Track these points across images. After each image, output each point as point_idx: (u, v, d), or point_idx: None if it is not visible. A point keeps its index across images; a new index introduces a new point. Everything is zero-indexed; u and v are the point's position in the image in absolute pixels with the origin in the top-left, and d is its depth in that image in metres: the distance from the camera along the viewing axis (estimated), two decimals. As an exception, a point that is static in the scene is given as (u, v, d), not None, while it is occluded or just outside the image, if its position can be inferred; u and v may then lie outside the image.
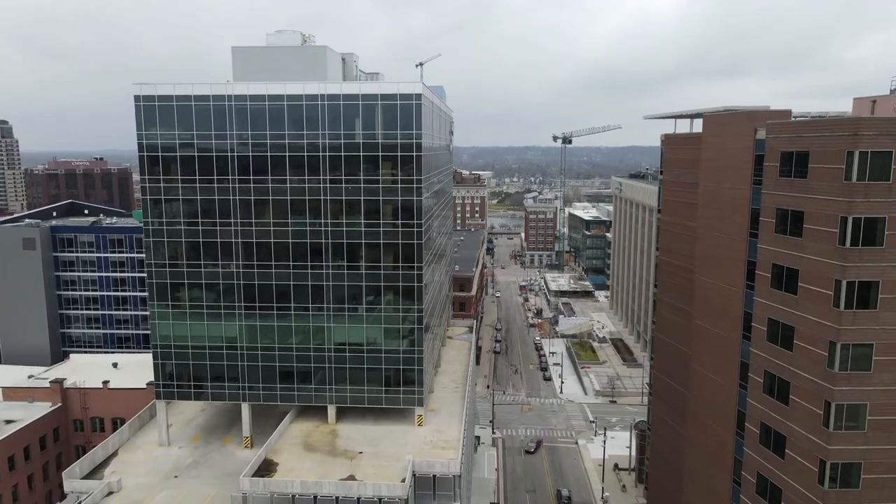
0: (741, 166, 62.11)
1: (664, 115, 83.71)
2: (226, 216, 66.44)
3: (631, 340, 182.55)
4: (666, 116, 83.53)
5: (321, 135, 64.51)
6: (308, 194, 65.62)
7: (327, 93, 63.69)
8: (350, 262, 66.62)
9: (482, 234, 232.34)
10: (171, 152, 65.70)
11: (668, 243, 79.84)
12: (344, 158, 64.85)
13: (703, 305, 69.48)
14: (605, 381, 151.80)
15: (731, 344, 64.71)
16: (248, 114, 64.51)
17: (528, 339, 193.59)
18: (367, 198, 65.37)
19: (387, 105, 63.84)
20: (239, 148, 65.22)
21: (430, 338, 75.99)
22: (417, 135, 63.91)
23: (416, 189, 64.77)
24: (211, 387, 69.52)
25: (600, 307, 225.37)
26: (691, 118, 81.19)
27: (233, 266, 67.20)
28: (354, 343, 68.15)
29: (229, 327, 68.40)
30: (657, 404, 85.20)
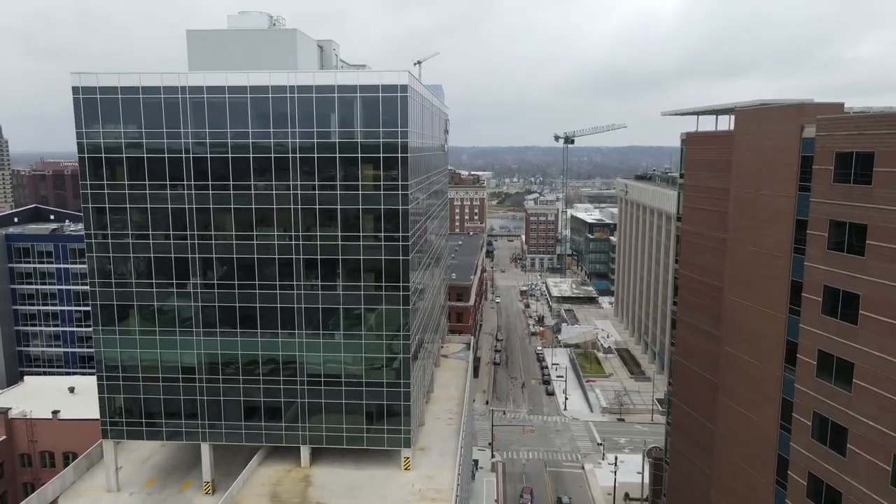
0: (783, 169, 52.77)
1: (686, 112, 74.36)
2: (181, 228, 57.07)
3: (638, 351, 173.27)
4: (687, 112, 74.18)
5: (291, 133, 55.18)
6: (276, 202, 56.27)
7: (297, 84, 54.33)
8: (325, 280, 57.25)
9: (481, 238, 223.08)
10: (117, 153, 56.32)
11: (691, 256, 70.49)
12: (317, 161, 55.50)
13: (734, 330, 60.12)
14: (612, 396, 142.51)
15: (769, 377, 55.38)
16: (206, 109, 55.16)
17: (529, 348, 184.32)
18: (345, 206, 56.03)
19: (367, 98, 54.50)
20: (195, 148, 55.86)
21: (420, 364, 66.67)
22: (403, 133, 54.56)
23: (401, 196, 55.40)
24: (166, 425, 60.13)
25: (604, 314, 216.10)
26: (716, 114, 71.92)
27: (189, 286, 57.82)
28: (331, 374, 58.76)
29: (186, 356, 59.00)
30: (676, 436, 75.81)
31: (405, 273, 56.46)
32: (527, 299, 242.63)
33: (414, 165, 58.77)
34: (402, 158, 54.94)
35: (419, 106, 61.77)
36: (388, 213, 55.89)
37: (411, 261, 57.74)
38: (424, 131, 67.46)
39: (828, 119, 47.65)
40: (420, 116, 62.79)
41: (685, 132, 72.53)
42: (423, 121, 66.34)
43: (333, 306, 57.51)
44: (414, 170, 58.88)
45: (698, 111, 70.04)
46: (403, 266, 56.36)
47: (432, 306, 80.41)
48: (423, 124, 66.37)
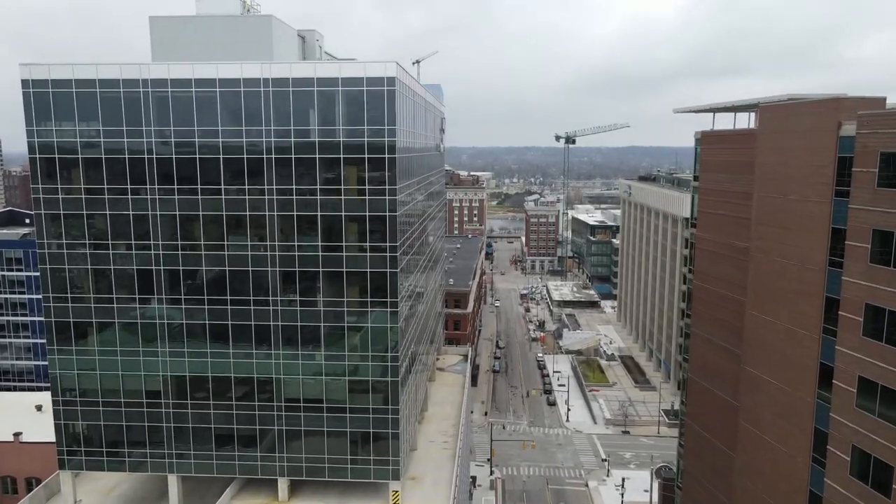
0: (817, 172, 47.06)
1: (700, 108, 68.56)
2: (144, 237, 51.33)
3: (642, 358, 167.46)
4: (702, 109, 68.39)
5: (266, 131, 49.42)
6: (249, 208, 50.51)
7: (273, 76, 48.56)
8: (305, 295, 51.49)
9: (480, 241, 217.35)
10: (72, 154, 50.55)
11: (707, 266, 64.74)
12: (295, 162, 49.74)
13: (757, 349, 54.39)
14: (616, 406, 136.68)
15: (799, 404, 49.64)
16: (171, 104, 49.40)
17: (529, 355, 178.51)
18: (326, 213, 50.27)
19: (350, 92, 48.74)
20: (159, 148, 50.11)
21: (412, 383, 60.96)
22: (391, 131, 48.79)
23: (388, 201, 49.62)
24: (129, 454, 54.39)
25: (607, 319, 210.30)
26: (734, 111, 66.19)
27: (154, 301, 52.07)
28: (311, 398, 53.00)
29: (151, 378, 53.26)
30: (690, 459, 70.01)
31: (393, 286, 50.70)
32: (527, 303, 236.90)
33: (404, 167, 53.07)
34: (389, 159, 49.17)
35: (410, 102, 56.03)
36: (373, 219, 50.12)
37: (401, 271, 52.03)
38: (417, 129, 61.75)
39: (871, 115, 41.96)
40: (411, 113, 57.06)
41: (699, 131, 66.81)
42: (416, 118, 60.63)
43: (313, 323, 51.74)
44: (404, 172, 53.18)
45: (715, 108, 64.36)
46: (391, 279, 50.59)
47: (426, 316, 74.74)
48: (416, 122, 60.65)
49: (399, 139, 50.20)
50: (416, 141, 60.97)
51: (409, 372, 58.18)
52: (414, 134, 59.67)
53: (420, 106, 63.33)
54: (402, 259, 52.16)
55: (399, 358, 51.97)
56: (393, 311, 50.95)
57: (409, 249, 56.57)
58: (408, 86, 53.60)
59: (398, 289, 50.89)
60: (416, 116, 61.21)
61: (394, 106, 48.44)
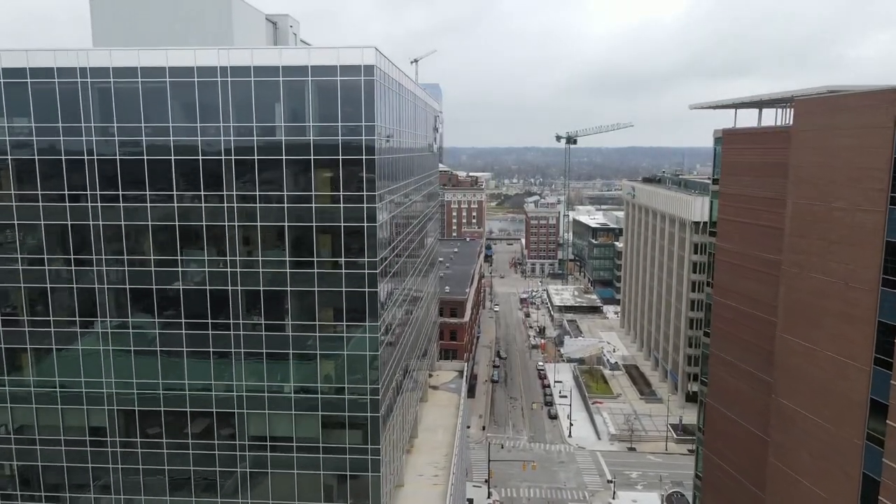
0: (867, 175, 40.16)
1: (721, 104, 61.57)
2: (85, 251, 44.42)
3: (647, 368, 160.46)
4: (723, 105, 61.41)
5: (224, 129, 42.51)
6: (206, 218, 43.60)
7: (231, 64, 41.65)
8: (271, 318, 44.57)
9: (479, 244, 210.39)
10: (1, 155, 43.66)
11: (729, 280, 57.81)
12: (259, 165, 42.84)
13: (792, 379, 47.46)
14: (621, 420, 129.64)
15: (844, 445, 42.71)
16: (114, 96, 42.51)
17: (529, 364, 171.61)
18: (295, 223, 43.35)
19: (322, 83, 41.84)
20: (101, 148, 43.21)
21: (399, 409, 54.11)
22: (368, 128, 41.86)
23: (366, 210, 42.70)
24: (71, 500, 47.44)
25: (609, 325, 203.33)
26: (759, 107, 59.25)
27: (97, 324, 45.16)
28: (279, 436, 46.09)
29: (95, 413, 46.36)
30: (709, 494, 63.04)
31: (373, 308, 43.77)
32: (527, 308, 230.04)
33: (387, 169, 46.17)
34: (367, 161, 42.24)
35: (394, 95, 49.08)
36: (350, 231, 43.18)
37: (384, 289, 45.15)
38: (404, 127, 54.85)
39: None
40: (396, 108, 50.12)
41: (720, 129, 59.89)
42: (403, 114, 53.71)
43: (281, 350, 44.80)
44: (387, 175, 46.28)
45: (738, 102, 57.38)
46: (370, 300, 43.65)
47: (417, 330, 67.96)
48: (402, 118, 53.74)
49: (380, 138, 43.31)
50: (402, 140, 54.06)
51: (394, 402, 51.27)
52: (400, 132, 52.75)
53: (408, 101, 56.40)
54: (384, 275, 45.24)
55: (380, 390, 45.02)
56: (372, 337, 44.01)
57: (393, 262, 49.66)
58: (390, 76, 46.64)
59: (379, 310, 43.97)
60: (404, 111, 54.29)
61: (373, 99, 41.51)
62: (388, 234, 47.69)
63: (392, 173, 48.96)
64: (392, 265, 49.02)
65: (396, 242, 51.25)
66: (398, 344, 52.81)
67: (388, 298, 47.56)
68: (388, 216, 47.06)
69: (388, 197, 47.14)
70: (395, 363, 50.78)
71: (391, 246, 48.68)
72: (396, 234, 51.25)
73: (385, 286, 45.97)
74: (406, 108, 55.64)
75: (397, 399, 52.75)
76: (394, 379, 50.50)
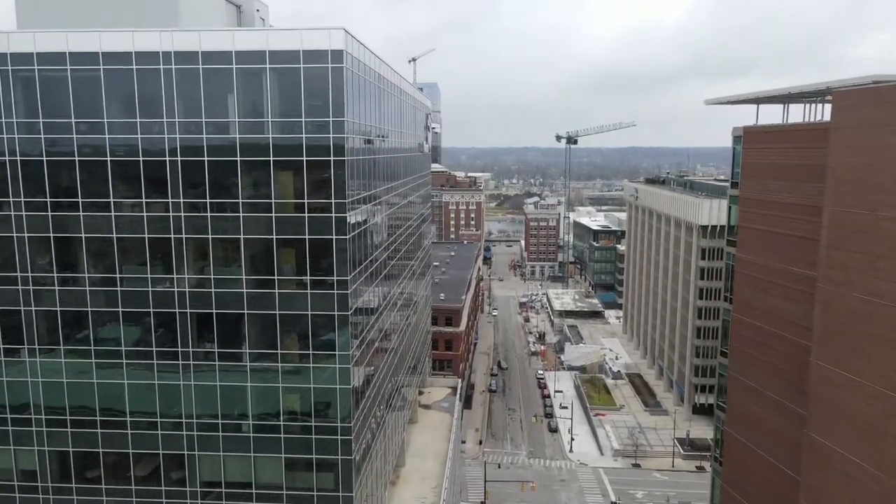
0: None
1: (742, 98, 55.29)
2: (7, 267, 38.16)
3: (651, 377, 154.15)
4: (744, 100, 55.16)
5: (168, 125, 36.27)
6: (149, 230, 37.36)
7: (176, 49, 35.43)
8: (225, 346, 38.35)
9: (477, 248, 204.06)
10: None
11: (751, 296, 51.53)
12: (210, 167, 36.61)
13: (830, 413, 41.19)
14: (625, 434, 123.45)
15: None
16: (39, 87, 36.25)
17: (529, 372, 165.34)
18: (253, 236, 37.13)
19: (283, 72, 35.62)
20: (25, 147, 36.98)
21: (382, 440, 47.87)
22: (337, 124, 35.62)
23: (335, 221, 36.44)
24: (-2, 553, 41.22)
25: (611, 331, 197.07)
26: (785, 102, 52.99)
27: (25, 353, 38.89)
28: (236, 482, 39.81)
29: (25, 455, 40.11)
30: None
31: (344, 335, 37.53)
32: (526, 312, 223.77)
33: (361, 172, 39.96)
34: (336, 163, 36.00)
35: (372, 87, 42.84)
36: (316, 244, 36.94)
37: (359, 310, 38.97)
38: (386, 124, 48.63)
39: None
40: (375, 101, 43.89)
41: (740, 126, 53.61)
42: (384, 109, 47.48)
43: (237, 383, 38.59)
44: (362, 178, 40.07)
45: (762, 96, 51.05)
46: (341, 325, 37.39)
47: (406, 346, 61.95)
48: (383, 114, 47.51)
49: (352, 136, 37.11)
50: (387, 138, 47.82)
51: (373, 439, 44.98)
52: (381, 129, 46.51)
53: (390, 95, 50.16)
54: (358, 295, 39.01)
55: (353, 428, 38.78)
56: (343, 368, 37.75)
57: (372, 277, 43.42)
58: (366, 65, 40.36)
59: (351, 337, 37.72)
60: (385, 106, 48.06)
61: (342, 90, 35.27)
62: (366, 246, 41.47)
63: (370, 176, 42.74)
64: (370, 281, 42.77)
65: (376, 255, 45.01)
66: (378, 371, 46.58)
67: (365, 321, 41.30)
68: (364, 225, 40.84)
69: (365, 204, 40.91)
70: (373, 394, 44.51)
71: (369, 259, 42.45)
72: (376, 246, 44.98)
73: (360, 307, 39.74)
74: (388, 103, 49.39)
75: (377, 434, 46.50)
76: (372, 412, 44.26)
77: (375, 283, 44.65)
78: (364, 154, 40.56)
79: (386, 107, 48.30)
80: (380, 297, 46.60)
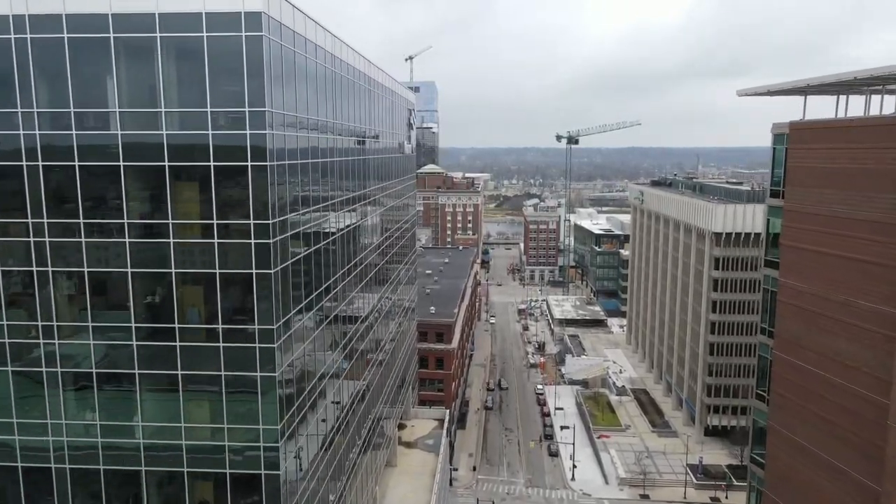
0: None
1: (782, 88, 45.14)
2: None
3: (658, 393, 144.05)
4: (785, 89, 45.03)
5: (24, 117, 26.31)
6: (4, 261, 27.38)
7: (31, 12, 25.46)
8: (110, 417, 28.40)
9: (473, 253, 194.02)
10: None
11: (801, 332, 41.52)
12: (81, 174, 26.65)
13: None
14: (632, 459, 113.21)
15: None
16: None
17: (528, 386, 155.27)
18: (143, 270, 27.16)
19: (179, 43, 25.69)
20: None
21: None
22: (257, 117, 25.67)
23: (255, 249, 26.46)
24: None
25: (615, 341, 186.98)
26: (838, 92, 42.95)
27: None
28: None
29: None
30: None
31: (269, 403, 27.54)
32: (525, 319, 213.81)
33: (300, 181, 30.03)
34: (255, 170, 26.05)
35: (319, 69, 32.87)
36: (231, 282, 27.00)
37: (296, 366, 29.05)
38: (343, 120, 38.68)
39: None
40: (323, 88, 33.92)
41: (783, 122, 43.58)
42: (340, 99, 37.54)
43: (128, 467, 28.61)
44: (301, 190, 30.16)
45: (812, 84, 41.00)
46: (264, 390, 27.39)
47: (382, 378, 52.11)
48: (340, 106, 37.55)
49: (282, 131, 27.18)
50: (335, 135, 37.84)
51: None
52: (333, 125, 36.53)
53: (353, 82, 40.17)
54: (292, 347, 29.06)
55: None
56: (270, 450, 27.75)
57: (320, 317, 33.49)
58: (304, 37, 30.32)
59: (281, 406, 27.76)
60: (342, 96, 38.09)
61: (261, 67, 25.32)
62: (310, 277, 31.55)
63: (317, 185, 32.81)
64: (316, 323, 32.80)
65: (330, 284, 35.08)
66: (335, 440, 36.60)
67: (306, 378, 31.36)
68: (305, 252, 30.90)
69: (306, 223, 30.94)
70: (320, 469, 34.48)
71: (316, 293, 32.52)
72: (326, 276, 35.02)
73: (299, 363, 29.81)
74: (349, 93, 39.42)
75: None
76: (322, 488, 34.24)
77: (326, 324, 34.68)
78: (304, 157, 30.61)
79: (345, 97, 38.36)
80: (334, 339, 36.65)
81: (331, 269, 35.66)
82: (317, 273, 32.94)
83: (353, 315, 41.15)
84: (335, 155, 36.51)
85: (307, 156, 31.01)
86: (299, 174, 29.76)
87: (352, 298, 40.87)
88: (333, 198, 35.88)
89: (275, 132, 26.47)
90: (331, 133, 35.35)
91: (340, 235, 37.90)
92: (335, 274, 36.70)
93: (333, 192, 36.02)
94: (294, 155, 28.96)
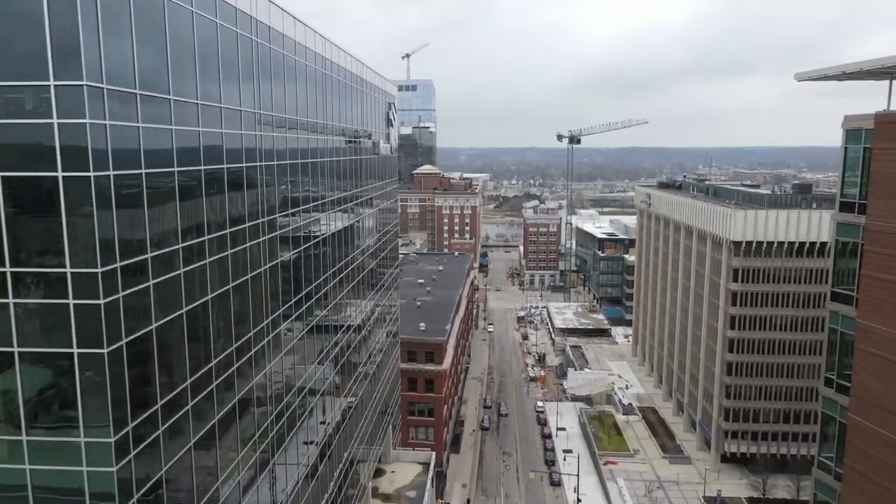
0: None
1: (853, 70, 34.73)
2: None
3: (668, 411, 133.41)
4: (853, 73, 34.59)
5: None
6: None
7: None
8: None
9: (469, 259, 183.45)
10: None
11: (890, 393, 31.03)
12: None
13: None
14: (642, 490, 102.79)
15: None
16: None
17: (527, 402, 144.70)
18: None
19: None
20: None
21: None
22: (71, 94, 15.08)
23: (75, 313, 15.88)
24: None
25: (620, 352, 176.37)
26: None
27: None
28: None
29: None
30: None
31: None
32: (525, 327, 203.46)
33: (167, 205, 19.50)
34: (69, 183, 15.48)
35: (202, 23, 22.37)
36: (42, 367, 16.47)
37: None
38: (266, 109, 28.15)
39: None
40: (212, 55, 23.44)
41: (859, 115, 33.17)
42: (259, 81, 27.00)
43: None
44: (167, 216, 19.63)
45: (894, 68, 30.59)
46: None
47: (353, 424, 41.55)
48: (277, 95, 27.02)
49: (121, 120, 16.64)
50: (246, 130, 27.31)
51: None
52: (267, 119, 26.03)
53: (284, 58, 29.65)
54: (151, 470, 18.54)
55: None
56: None
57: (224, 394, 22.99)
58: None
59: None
60: (262, 73, 27.59)
61: (75, 3, 14.77)
62: (180, 354, 21.01)
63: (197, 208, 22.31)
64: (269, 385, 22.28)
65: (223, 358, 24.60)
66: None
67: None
68: (170, 315, 20.38)
69: (171, 268, 20.39)
70: None
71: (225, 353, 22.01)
72: (216, 350, 24.42)
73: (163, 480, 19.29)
74: (276, 71, 28.90)
75: None
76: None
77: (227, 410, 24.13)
78: (184, 162, 20.08)
79: (266, 77, 27.84)
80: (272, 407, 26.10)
81: (216, 337, 25.14)
82: (205, 343, 22.41)
83: (317, 364, 30.71)
84: (250, 158, 25.98)
85: (182, 162, 20.49)
86: (164, 191, 19.26)
87: (294, 348, 30.39)
88: (241, 221, 25.34)
89: (108, 122, 16.01)
90: (235, 126, 24.84)
91: (266, 269, 27.37)
92: (241, 338, 26.19)
93: (242, 213, 25.48)
94: (156, 160, 18.46)
